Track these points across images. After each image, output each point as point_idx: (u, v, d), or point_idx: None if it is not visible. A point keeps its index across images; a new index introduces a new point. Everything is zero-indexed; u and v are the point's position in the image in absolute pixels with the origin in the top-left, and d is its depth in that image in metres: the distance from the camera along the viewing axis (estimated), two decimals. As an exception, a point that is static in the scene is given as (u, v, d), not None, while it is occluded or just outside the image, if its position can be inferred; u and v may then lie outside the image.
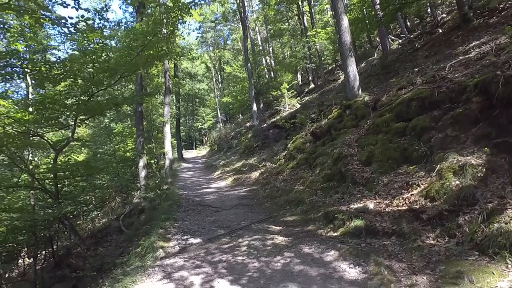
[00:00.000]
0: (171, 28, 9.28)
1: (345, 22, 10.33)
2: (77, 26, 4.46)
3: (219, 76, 43.27)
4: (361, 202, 5.70)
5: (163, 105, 19.82)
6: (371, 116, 9.03)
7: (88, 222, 15.57)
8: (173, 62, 25.06)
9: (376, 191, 5.91)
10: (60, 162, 7.39)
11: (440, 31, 13.14)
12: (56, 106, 6.65)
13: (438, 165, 5.19)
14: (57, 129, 7.24)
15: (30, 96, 9.38)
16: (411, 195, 5.15)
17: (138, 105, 16.12)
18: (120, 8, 47.51)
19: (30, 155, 8.49)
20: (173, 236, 5.62)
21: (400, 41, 16.91)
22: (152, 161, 21.91)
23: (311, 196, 7.07)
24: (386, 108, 7.84)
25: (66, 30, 4.54)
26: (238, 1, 22.35)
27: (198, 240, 5.39)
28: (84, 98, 6.99)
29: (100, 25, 6.81)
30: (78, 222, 15.26)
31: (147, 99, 20.64)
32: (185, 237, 5.60)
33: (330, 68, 25.68)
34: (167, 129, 19.10)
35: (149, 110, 21.72)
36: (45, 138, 7.12)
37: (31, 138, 6.93)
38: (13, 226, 7.14)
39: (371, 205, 5.37)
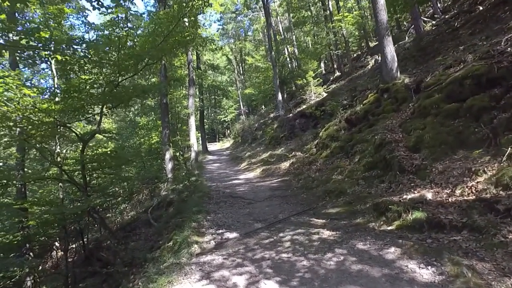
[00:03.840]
0: (195, 12, 8.79)
1: (381, -1, 9.53)
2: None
3: (241, 68, 42.81)
4: (415, 191, 5.07)
5: (187, 97, 19.58)
6: (413, 99, 8.29)
7: (117, 215, 15.65)
8: (195, 53, 24.80)
9: (431, 180, 5.25)
10: (88, 155, 7.16)
11: (481, 8, 12.03)
12: (82, 95, 6.38)
13: (509, 149, 4.49)
14: (83, 119, 7.00)
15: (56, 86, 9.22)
16: (477, 183, 4.47)
17: (163, 97, 15.93)
18: (142, 0, 47.65)
19: (58, 147, 8.37)
20: (207, 230, 5.22)
21: (433, 22, 15.75)
22: (178, 154, 21.85)
23: (352, 186, 6.47)
24: (435, 89, 7.07)
25: (90, 7, 4.15)
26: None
27: (234, 234, 4.95)
28: (110, 86, 6.68)
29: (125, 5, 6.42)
30: (108, 215, 15.36)
31: (172, 91, 20.53)
32: (220, 231, 5.18)
33: (355, 55, 24.63)
34: (192, 121, 18.85)
35: (173, 103, 21.59)
36: (73, 129, 6.90)
37: (58, 129, 6.73)
38: (44, 220, 7.02)
39: (428, 195, 4.73)
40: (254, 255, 4.03)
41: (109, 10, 4.51)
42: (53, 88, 8.12)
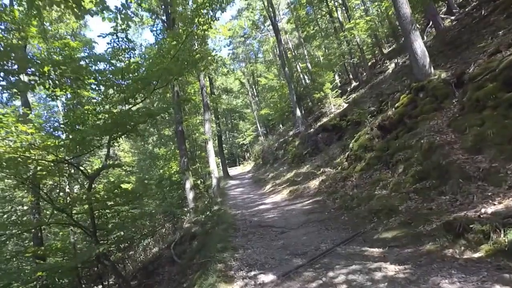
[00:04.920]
0: (204, 27, 8.22)
1: (401, -9, 8.69)
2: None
3: (254, 90, 42.62)
4: (494, 202, 3.97)
5: (203, 123, 19.05)
6: (456, 94, 7.23)
7: (140, 252, 14.86)
8: (208, 79, 24.57)
9: (510, 185, 4.15)
10: (97, 194, 6.41)
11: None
12: (85, 127, 5.74)
13: None
14: (87, 152, 6.36)
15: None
16: None
17: (179, 125, 15.40)
18: (151, 31, 48.76)
19: (67, 187, 7.76)
20: (236, 273, 4.25)
21: (452, 18, 14.79)
22: (199, 182, 21.14)
23: (403, 202, 5.39)
24: (486, 78, 6.02)
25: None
26: (266, 5, 21.36)
27: (270, 277, 3.96)
28: (116, 115, 6.04)
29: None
30: (130, 253, 14.61)
31: (187, 118, 20.09)
32: (252, 272, 4.20)
33: (370, 63, 23.71)
34: (210, 147, 18.20)
35: (189, 130, 21.13)
36: (79, 166, 6.24)
37: (62, 167, 6.09)
38: (55, 268, 6.23)
39: (518, 206, 3.64)
40: (302, 307, 3.04)
41: (111, 15, 3.89)
42: (56, 123, 7.61)
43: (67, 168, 6.38)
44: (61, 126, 6.01)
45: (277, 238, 5.70)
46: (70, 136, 5.75)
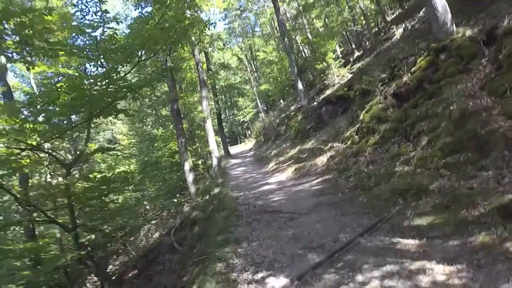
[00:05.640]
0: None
1: None
2: None
3: (253, 65, 41.16)
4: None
5: (201, 100, 18.03)
6: (485, 53, 6.28)
7: (141, 237, 14.35)
8: (203, 53, 23.28)
9: None
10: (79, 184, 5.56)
11: None
12: (58, 104, 4.86)
13: None
14: (60, 135, 5.49)
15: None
16: None
17: (174, 103, 14.46)
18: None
19: (48, 178, 6.95)
20: (239, 275, 3.49)
21: None
22: (199, 162, 20.40)
23: (434, 180, 4.57)
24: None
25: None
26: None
27: (282, 280, 3.21)
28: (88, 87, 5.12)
29: None
30: (131, 239, 14.09)
31: (183, 95, 19.08)
32: (260, 274, 3.44)
33: (373, 31, 22.33)
34: (209, 125, 17.29)
35: (187, 109, 20.15)
36: (52, 154, 5.40)
37: (39, 156, 5.26)
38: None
39: None
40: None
41: None
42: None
43: (43, 156, 5.54)
44: (26, 107, 5.11)
45: (286, 226, 4.92)
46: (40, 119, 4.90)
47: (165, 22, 6.83)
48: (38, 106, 4.84)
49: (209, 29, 10.10)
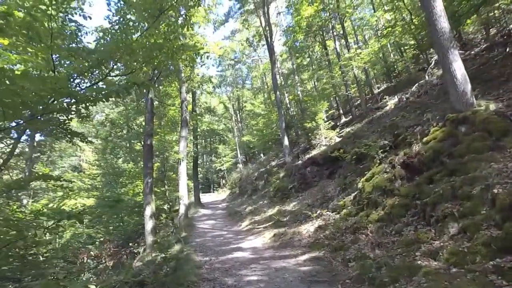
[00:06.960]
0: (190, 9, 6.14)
1: (438, 3, 7.07)
2: None
3: (238, 116, 40.95)
4: None
5: (179, 140, 16.58)
6: (518, 131, 5.38)
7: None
8: (190, 93, 22.42)
9: None
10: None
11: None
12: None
13: None
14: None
15: None
16: None
17: (148, 137, 12.91)
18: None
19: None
20: None
21: (472, 52, 13.73)
22: (165, 207, 18.32)
23: (485, 291, 3.19)
24: None
25: None
26: (263, 24, 19.89)
27: None
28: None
29: None
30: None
31: (159, 131, 17.59)
32: None
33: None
34: (183, 168, 15.67)
35: (162, 147, 18.54)
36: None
37: None
38: None
39: None
40: None
41: None
42: None
43: None
44: None
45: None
46: None
47: (151, 37, 5.67)
48: None
49: (201, 58, 8.97)
